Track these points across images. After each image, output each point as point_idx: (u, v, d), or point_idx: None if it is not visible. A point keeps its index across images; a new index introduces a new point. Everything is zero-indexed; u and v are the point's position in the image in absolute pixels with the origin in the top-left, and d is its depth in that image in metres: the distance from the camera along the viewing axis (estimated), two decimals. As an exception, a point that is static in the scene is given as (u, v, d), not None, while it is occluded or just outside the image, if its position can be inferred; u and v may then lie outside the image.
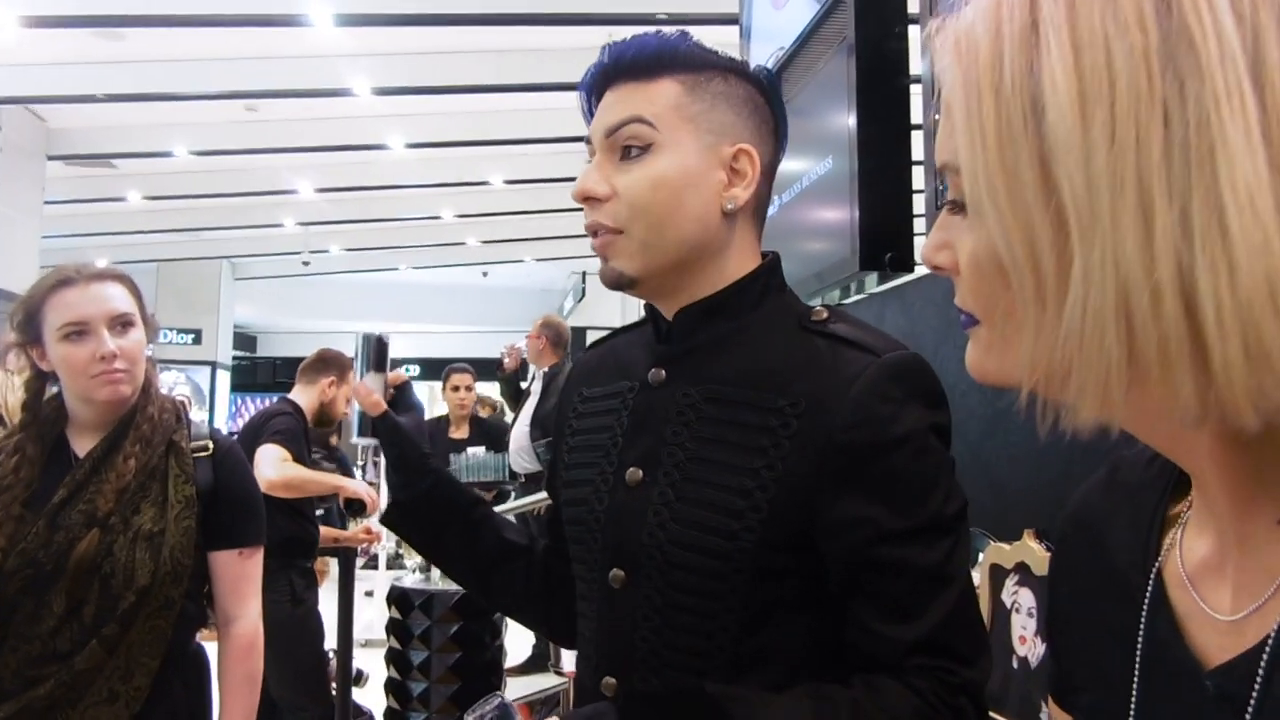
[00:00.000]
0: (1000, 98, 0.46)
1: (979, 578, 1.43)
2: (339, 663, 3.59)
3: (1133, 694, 0.55)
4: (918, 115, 1.89)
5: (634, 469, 0.96)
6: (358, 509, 3.60)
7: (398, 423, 1.14)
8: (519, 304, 15.08)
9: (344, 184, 9.92)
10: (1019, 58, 0.45)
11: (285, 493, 3.14)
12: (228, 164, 9.33)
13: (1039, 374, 0.47)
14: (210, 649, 1.66)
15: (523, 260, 13.51)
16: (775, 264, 1.01)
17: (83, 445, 1.57)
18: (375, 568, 6.67)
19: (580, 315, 13.19)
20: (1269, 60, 0.41)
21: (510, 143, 8.50)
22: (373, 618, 5.69)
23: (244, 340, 16.68)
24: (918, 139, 1.95)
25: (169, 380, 12.21)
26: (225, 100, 7.43)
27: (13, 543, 1.46)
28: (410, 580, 3.55)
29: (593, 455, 1.02)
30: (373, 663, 3.99)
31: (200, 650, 1.65)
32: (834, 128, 2.05)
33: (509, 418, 6.01)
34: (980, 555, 1.46)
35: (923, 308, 1.91)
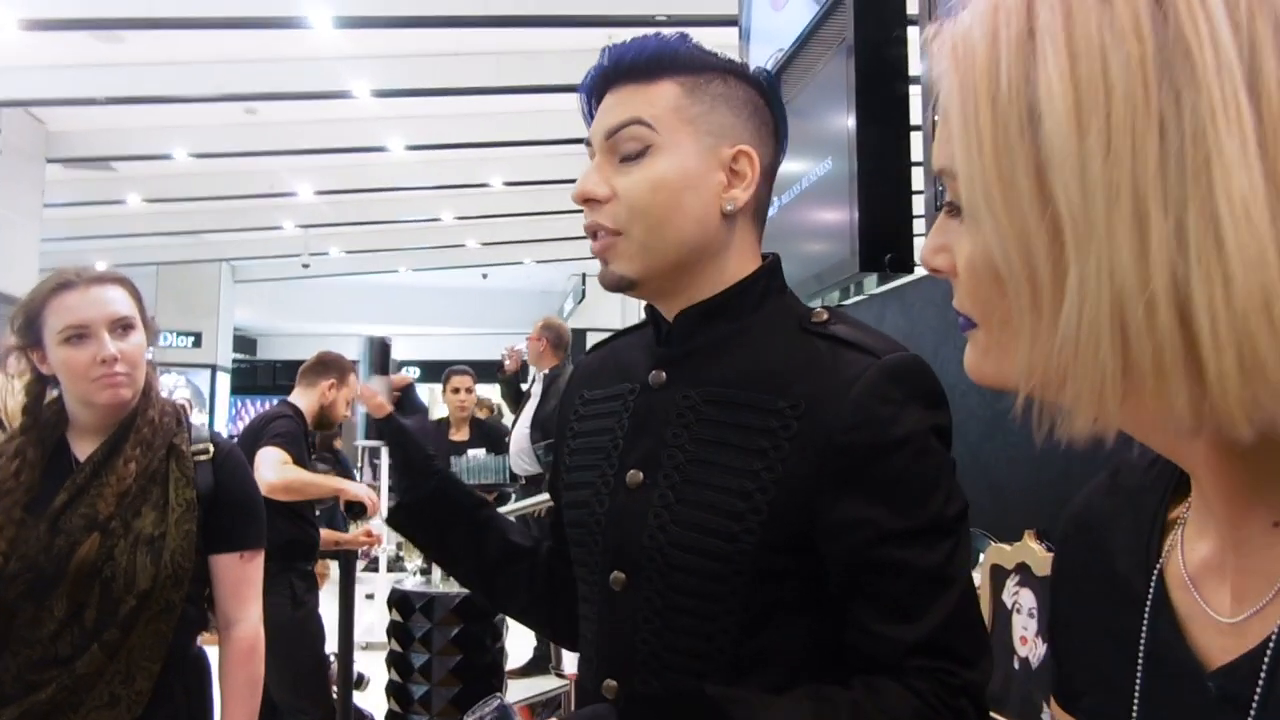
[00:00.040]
0: (996, 106, 0.45)
1: (980, 578, 1.43)
2: (340, 666, 3.58)
3: (1135, 696, 0.55)
4: (917, 116, 1.89)
5: (634, 471, 0.96)
6: (358, 511, 3.60)
7: (402, 425, 1.14)
8: (519, 306, 15.09)
9: (344, 186, 9.92)
10: (1016, 66, 0.45)
11: (285, 495, 3.14)
12: (227, 166, 9.34)
13: (1035, 380, 0.47)
14: (211, 652, 1.66)
15: (522, 262, 13.52)
16: (776, 265, 1.01)
17: (83, 449, 1.57)
18: (376, 570, 6.66)
19: (580, 317, 13.19)
20: (1265, 70, 0.40)
21: (510, 144, 8.50)
22: (373, 620, 5.68)
23: (244, 343, 16.69)
24: (917, 140, 1.95)
25: (169, 383, 12.21)
26: (225, 102, 7.44)
27: (13, 547, 1.46)
28: (411, 583, 3.55)
29: (594, 458, 1.02)
30: (373, 666, 3.99)
31: (201, 654, 1.65)
32: (833, 129, 2.06)
33: (506, 419, 6.01)
34: (981, 556, 1.46)
35: (923, 309, 1.91)
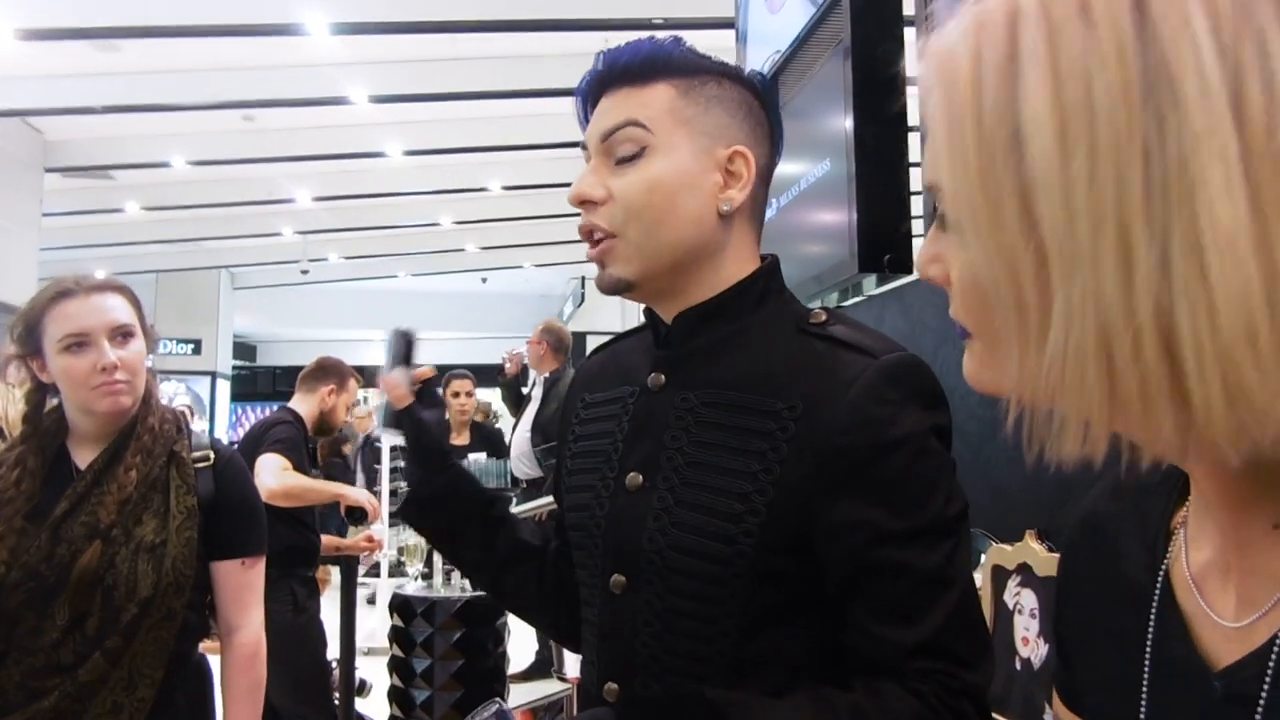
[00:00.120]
0: (982, 127, 0.45)
1: (981, 579, 1.43)
2: (342, 671, 3.58)
3: (1142, 697, 0.55)
4: (915, 117, 1.89)
5: (634, 474, 0.96)
6: (359, 517, 3.60)
7: (421, 417, 1.15)
8: (518, 310, 15.10)
9: (342, 192, 9.92)
10: (1000, 87, 0.44)
11: (286, 501, 3.14)
12: (225, 174, 9.34)
13: (1025, 398, 0.46)
14: (213, 659, 1.66)
15: (521, 266, 13.52)
16: (774, 267, 1.01)
17: (84, 457, 1.57)
18: (377, 575, 6.66)
19: (580, 320, 13.19)
20: (1249, 96, 0.40)
21: (508, 149, 8.50)
22: (375, 625, 5.68)
23: (243, 349, 16.68)
24: (915, 140, 1.95)
25: (169, 390, 12.20)
26: (222, 110, 7.44)
27: (15, 556, 1.46)
28: (412, 587, 3.54)
29: (594, 461, 1.02)
30: (375, 671, 3.98)
31: (203, 660, 1.65)
32: (831, 130, 2.06)
33: (501, 423, 6.01)
34: (982, 557, 1.46)
35: (922, 309, 1.91)
